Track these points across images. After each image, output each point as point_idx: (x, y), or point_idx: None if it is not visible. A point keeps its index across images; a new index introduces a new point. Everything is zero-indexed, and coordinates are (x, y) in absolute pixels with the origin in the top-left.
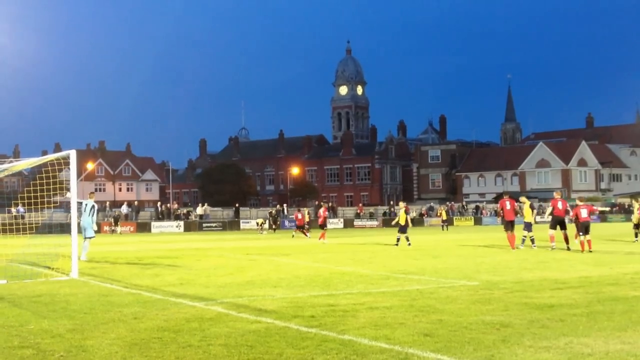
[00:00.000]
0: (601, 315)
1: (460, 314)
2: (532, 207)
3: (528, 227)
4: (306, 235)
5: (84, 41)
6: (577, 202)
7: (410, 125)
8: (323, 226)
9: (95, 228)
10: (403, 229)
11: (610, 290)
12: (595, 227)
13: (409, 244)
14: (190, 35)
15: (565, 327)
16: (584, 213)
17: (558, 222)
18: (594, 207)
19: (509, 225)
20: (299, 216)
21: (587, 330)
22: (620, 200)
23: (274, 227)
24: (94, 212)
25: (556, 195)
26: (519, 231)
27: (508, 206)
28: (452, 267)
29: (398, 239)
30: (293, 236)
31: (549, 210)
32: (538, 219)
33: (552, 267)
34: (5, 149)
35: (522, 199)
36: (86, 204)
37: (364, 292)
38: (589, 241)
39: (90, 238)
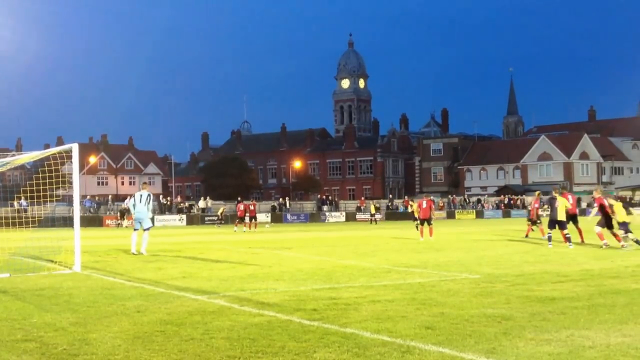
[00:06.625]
0: (602, 308)
1: (461, 307)
2: (624, 206)
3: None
4: (249, 229)
5: (85, 35)
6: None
7: (412, 118)
8: (427, 221)
9: (151, 215)
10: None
11: (612, 283)
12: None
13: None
14: (192, 29)
15: (566, 320)
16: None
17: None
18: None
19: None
20: (251, 207)
21: (588, 323)
22: (622, 193)
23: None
24: (149, 201)
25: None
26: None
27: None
28: (453, 260)
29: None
30: (238, 230)
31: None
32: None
33: (553, 261)
34: (8, 142)
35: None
36: (141, 195)
37: (366, 286)
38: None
39: (148, 229)
